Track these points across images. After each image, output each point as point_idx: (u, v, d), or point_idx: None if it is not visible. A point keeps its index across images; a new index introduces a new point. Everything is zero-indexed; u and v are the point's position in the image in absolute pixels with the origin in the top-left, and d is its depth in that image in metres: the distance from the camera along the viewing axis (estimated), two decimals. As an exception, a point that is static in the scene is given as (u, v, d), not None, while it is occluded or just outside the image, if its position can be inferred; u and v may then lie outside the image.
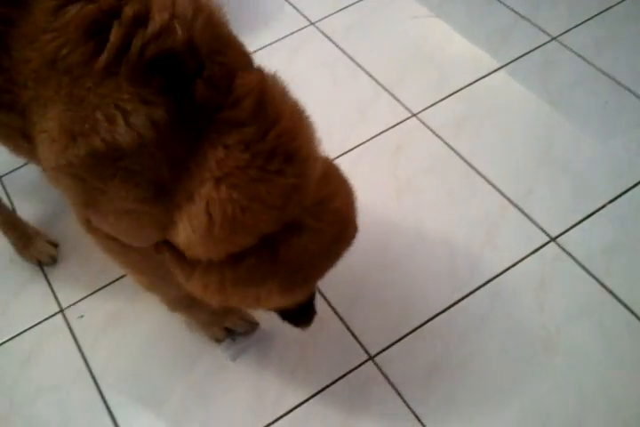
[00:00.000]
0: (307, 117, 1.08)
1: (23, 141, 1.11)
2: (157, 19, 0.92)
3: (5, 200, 1.85)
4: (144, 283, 1.49)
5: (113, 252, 1.36)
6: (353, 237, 1.19)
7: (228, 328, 1.66)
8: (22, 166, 2.04)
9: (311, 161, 1.07)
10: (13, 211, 1.86)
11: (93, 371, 1.64)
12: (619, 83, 2.12)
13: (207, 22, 0.97)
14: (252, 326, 1.68)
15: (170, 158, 0.99)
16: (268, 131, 0.99)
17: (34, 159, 1.18)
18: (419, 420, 1.53)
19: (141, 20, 0.92)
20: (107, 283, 1.78)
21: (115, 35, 0.91)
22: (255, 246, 1.07)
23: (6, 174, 1.98)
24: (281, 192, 1.02)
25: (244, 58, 1.07)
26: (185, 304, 1.59)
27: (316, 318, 1.65)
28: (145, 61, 0.91)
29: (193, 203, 1.02)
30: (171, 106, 0.94)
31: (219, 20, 1.01)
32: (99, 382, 1.62)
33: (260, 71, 1.05)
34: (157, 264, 1.42)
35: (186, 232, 1.07)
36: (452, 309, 1.69)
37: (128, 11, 0.92)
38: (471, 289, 1.72)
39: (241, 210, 1.01)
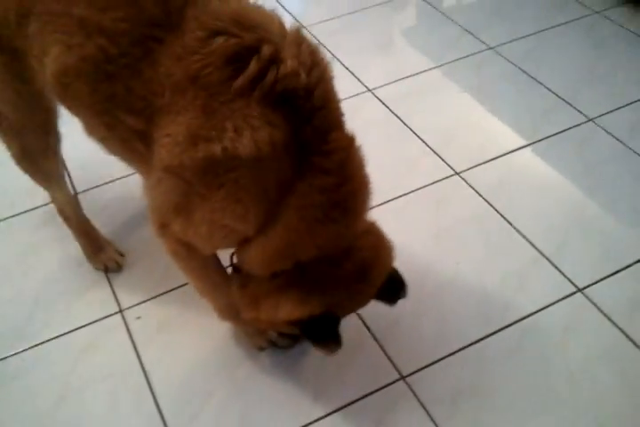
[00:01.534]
0: (370, 186, 1.31)
1: (139, 144, 1.29)
2: (289, 63, 1.14)
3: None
4: (200, 288, 1.65)
5: (179, 257, 1.51)
6: (376, 281, 1.40)
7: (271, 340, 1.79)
8: (96, 186, 2.27)
9: (360, 219, 1.33)
10: (88, 221, 2.06)
11: (145, 365, 1.77)
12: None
13: (321, 76, 1.19)
14: (292, 341, 1.80)
15: (277, 178, 1.19)
16: (342, 185, 1.22)
17: (139, 163, 1.38)
18: (444, 437, 1.62)
19: (274, 59, 1.14)
20: (164, 291, 1.94)
21: (253, 66, 1.13)
22: (290, 269, 1.33)
23: (82, 192, 2.18)
24: (329, 236, 1.27)
25: (341, 116, 1.27)
26: (233, 314, 1.73)
27: (354, 339, 1.80)
28: (275, 93, 1.13)
29: (274, 227, 1.24)
30: (288, 134, 1.14)
31: (329, 76, 1.23)
32: (149, 375, 1.75)
33: (351, 134, 1.27)
34: (214, 272, 1.60)
35: (255, 251, 1.31)
36: (483, 341, 1.80)
37: (266, 50, 1.14)
38: (501, 326, 1.84)
39: (298, 241, 1.25)
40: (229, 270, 1.61)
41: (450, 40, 2.89)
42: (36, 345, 1.83)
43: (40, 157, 1.69)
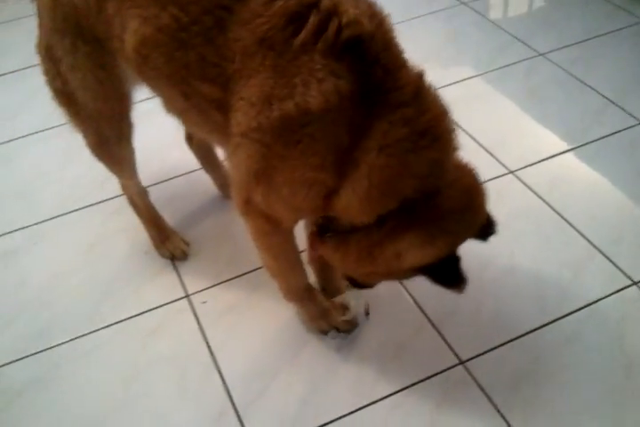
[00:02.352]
0: (449, 115, 1.33)
1: (216, 113, 1.37)
2: (351, 11, 1.21)
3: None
4: (273, 268, 1.71)
5: (262, 233, 1.57)
6: (481, 207, 1.42)
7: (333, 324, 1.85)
8: (162, 182, 2.37)
9: (451, 144, 1.33)
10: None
11: (211, 346, 1.84)
12: (702, 161, 2.33)
13: (380, 23, 1.26)
14: (353, 325, 1.86)
15: (348, 125, 1.23)
16: (422, 114, 1.25)
17: (218, 134, 1.44)
18: (503, 418, 1.65)
19: (334, 12, 1.20)
20: (228, 278, 2.02)
21: (313, 19, 1.20)
22: (397, 209, 1.30)
23: (151, 185, 2.26)
24: (426, 163, 1.27)
25: (404, 57, 1.32)
26: (300, 296, 1.80)
27: (413, 325, 1.85)
28: (340, 42, 1.19)
29: (357, 169, 1.26)
30: (353, 81, 1.20)
31: (388, 24, 1.29)
32: (215, 355, 1.82)
33: (419, 70, 1.31)
34: (291, 251, 1.66)
35: (347, 197, 1.31)
36: (540, 330, 1.84)
37: (325, 3, 1.21)
38: (558, 316, 1.87)
39: (395, 175, 1.26)
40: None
41: (500, 47, 2.95)
42: (107, 326, 1.92)
43: (115, 145, 1.78)
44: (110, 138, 1.76)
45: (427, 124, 1.25)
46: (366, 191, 1.27)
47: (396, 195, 1.28)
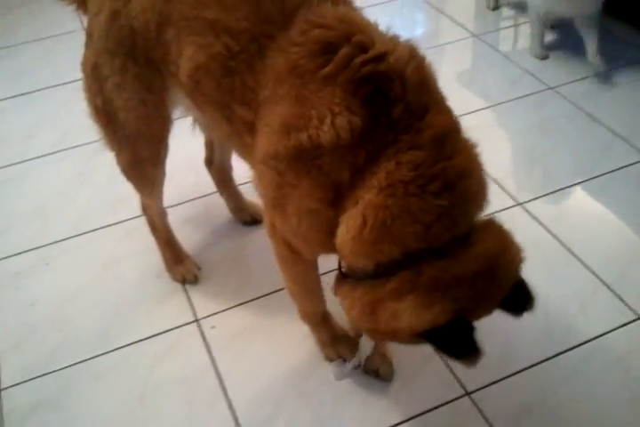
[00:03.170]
0: (482, 172, 1.29)
1: (248, 137, 1.40)
2: (378, 48, 1.23)
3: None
4: (293, 291, 1.74)
5: (284, 259, 1.59)
6: (504, 278, 1.27)
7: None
8: (180, 204, 2.41)
9: (472, 199, 1.25)
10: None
11: (220, 371, 1.86)
12: None
13: (418, 67, 1.25)
14: (359, 358, 1.85)
15: (353, 163, 1.22)
16: (438, 160, 1.18)
17: (246, 155, 1.49)
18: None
19: (365, 48, 1.22)
20: (238, 303, 2.04)
21: (342, 52, 1.22)
22: (400, 262, 1.21)
23: (170, 207, 2.28)
24: (430, 210, 1.17)
25: (443, 100, 1.31)
26: (314, 321, 1.83)
27: (419, 355, 1.86)
28: (358, 76, 1.20)
29: (355, 206, 1.23)
30: (367, 118, 1.19)
31: (428, 70, 1.29)
32: (223, 379, 1.84)
33: (455, 118, 1.29)
34: (311, 280, 1.69)
35: (341, 233, 1.27)
36: (546, 363, 1.85)
37: (357, 38, 1.23)
38: (564, 349, 1.88)
39: (390, 217, 1.18)
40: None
41: (511, 80, 2.99)
42: (117, 349, 1.94)
43: (149, 165, 1.81)
44: (146, 159, 1.79)
45: (441, 170, 1.18)
46: (359, 230, 1.21)
47: (395, 241, 1.20)
